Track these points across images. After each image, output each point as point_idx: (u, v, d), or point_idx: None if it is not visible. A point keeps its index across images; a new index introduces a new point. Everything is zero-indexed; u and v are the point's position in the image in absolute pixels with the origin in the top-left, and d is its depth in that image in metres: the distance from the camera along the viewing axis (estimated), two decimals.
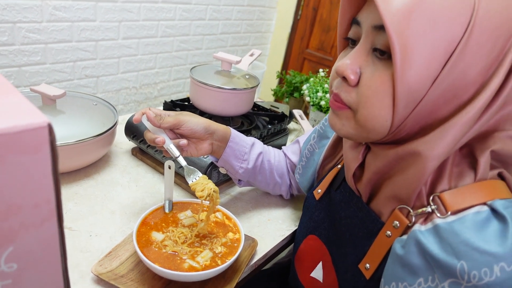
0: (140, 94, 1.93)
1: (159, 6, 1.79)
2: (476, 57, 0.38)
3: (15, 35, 1.36)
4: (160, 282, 0.55)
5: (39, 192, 0.27)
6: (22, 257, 0.28)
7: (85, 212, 0.67)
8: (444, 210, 0.41)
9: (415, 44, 0.37)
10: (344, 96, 0.45)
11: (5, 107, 0.25)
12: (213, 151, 0.64)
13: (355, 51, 0.44)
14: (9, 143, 0.23)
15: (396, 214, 0.46)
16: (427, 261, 0.41)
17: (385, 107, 0.41)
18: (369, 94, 0.42)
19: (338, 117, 0.47)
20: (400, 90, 0.39)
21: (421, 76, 0.38)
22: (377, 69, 0.42)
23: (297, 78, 1.26)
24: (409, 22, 0.37)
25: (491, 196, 0.40)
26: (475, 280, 0.37)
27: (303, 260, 0.63)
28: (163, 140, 0.57)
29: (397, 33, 0.37)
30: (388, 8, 0.37)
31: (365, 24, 0.43)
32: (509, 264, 0.35)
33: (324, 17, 2.35)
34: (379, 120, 0.42)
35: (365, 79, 0.43)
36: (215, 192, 0.57)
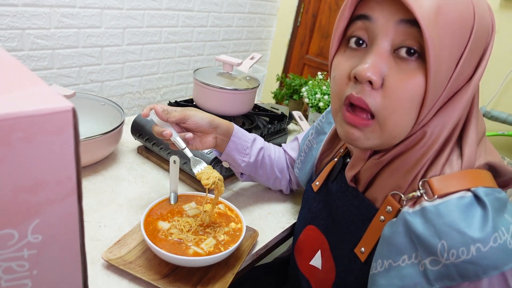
0: (143, 99, 1.98)
1: (162, 13, 1.84)
2: (474, 55, 0.43)
3: (24, 41, 1.41)
4: (167, 268, 0.58)
5: (62, 169, 0.29)
6: (46, 230, 0.31)
7: (94, 205, 0.70)
8: (431, 194, 0.45)
9: (443, 43, 0.39)
10: (369, 101, 0.43)
11: (35, 94, 0.28)
12: (217, 144, 0.68)
13: (375, 53, 0.42)
14: (39, 124, 0.26)
15: (389, 200, 0.49)
16: (412, 240, 0.44)
17: (413, 109, 0.42)
18: (400, 97, 0.41)
19: (362, 132, 0.46)
20: (431, 90, 0.40)
21: (445, 75, 0.41)
22: (405, 72, 0.41)
23: (296, 81, 1.30)
24: (437, 20, 0.38)
25: (475, 183, 0.44)
26: (453, 258, 0.40)
27: (303, 250, 0.66)
28: (170, 133, 0.61)
29: (430, 31, 0.38)
30: (419, 4, 0.38)
31: (383, 20, 0.41)
32: (485, 246, 0.39)
33: (323, 23, 2.40)
34: (407, 123, 0.43)
35: (392, 83, 0.42)
36: (219, 180, 0.60)
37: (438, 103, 0.44)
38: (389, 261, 0.46)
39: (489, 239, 0.39)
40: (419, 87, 0.41)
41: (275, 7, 2.52)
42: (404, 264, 0.45)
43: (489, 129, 1.76)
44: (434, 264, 0.42)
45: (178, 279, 0.56)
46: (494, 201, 0.42)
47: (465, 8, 0.41)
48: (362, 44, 0.45)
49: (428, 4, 0.38)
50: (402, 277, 0.45)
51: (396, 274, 0.45)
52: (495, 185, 0.46)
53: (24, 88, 0.29)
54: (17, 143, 0.26)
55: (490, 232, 0.39)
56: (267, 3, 2.42)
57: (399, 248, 0.45)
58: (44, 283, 0.34)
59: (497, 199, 0.42)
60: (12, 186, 0.27)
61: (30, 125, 0.26)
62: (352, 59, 0.45)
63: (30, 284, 0.33)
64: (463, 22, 0.41)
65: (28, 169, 0.27)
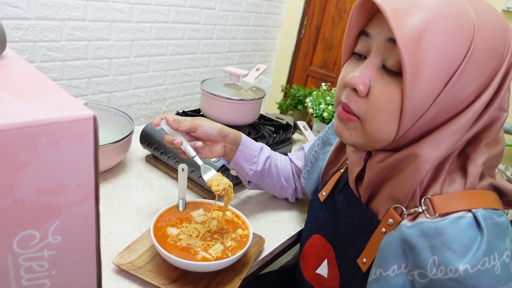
0: (150, 109, 2.01)
1: (169, 26, 1.89)
2: (472, 78, 0.43)
3: (36, 53, 1.45)
4: (175, 273, 0.59)
5: (82, 174, 0.31)
6: (65, 231, 0.32)
7: (104, 211, 0.72)
8: (432, 211, 0.46)
9: (424, 64, 0.41)
10: (353, 106, 0.48)
11: (58, 102, 0.30)
12: (226, 153, 0.69)
13: (366, 64, 0.46)
14: (63, 130, 0.28)
15: (390, 213, 0.50)
16: (404, 251, 0.46)
17: (392, 120, 0.45)
18: (379, 107, 0.45)
19: (346, 126, 0.50)
20: (407, 106, 0.43)
21: (426, 93, 0.42)
22: (387, 85, 0.45)
23: (300, 92, 1.32)
24: (419, 44, 0.40)
25: (476, 204, 0.45)
26: (440, 274, 0.42)
27: (308, 258, 0.67)
28: (180, 142, 0.62)
29: (408, 53, 0.40)
30: (401, 29, 0.40)
31: (377, 37, 0.46)
32: (473, 268, 0.40)
33: (326, 35, 2.44)
34: (386, 131, 0.46)
35: (375, 93, 0.45)
36: (229, 187, 0.62)
37: (423, 120, 0.44)
38: (380, 270, 0.48)
39: (478, 262, 0.40)
40: (397, 100, 0.44)
41: (279, 20, 2.56)
42: (393, 274, 0.47)
43: None
44: (422, 277, 0.44)
45: (187, 283, 0.57)
46: (491, 226, 0.43)
47: (459, 31, 0.41)
48: (362, 57, 0.49)
49: (412, 24, 0.40)
50: (390, 287, 0.46)
51: (384, 284, 0.47)
52: (500, 205, 0.47)
53: (48, 97, 0.31)
54: (42, 148, 0.27)
55: (481, 255, 0.41)
56: (271, 16, 2.47)
57: (390, 258, 0.47)
58: (62, 283, 0.35)
59: (495, 224, 0.43)
60: (36, 189, 0.28)
61: (54, 131, 0.27)
62: (353, 67, 0.50)
63: (49, 284, 0.34)
64: (456, 45, 0.41)
65: (51, 173, 0.29)
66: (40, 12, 1.41)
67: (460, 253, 0.41)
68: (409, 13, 0.41)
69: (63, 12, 1.47)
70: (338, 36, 2.39)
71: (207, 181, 0.63)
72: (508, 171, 1.58)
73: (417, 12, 0.41)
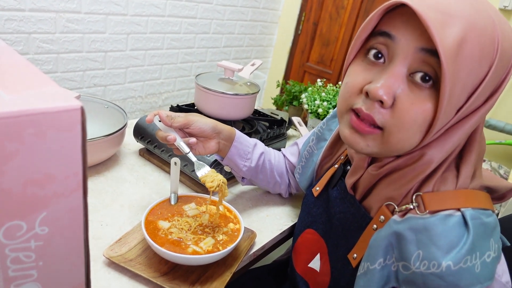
0: (145, 103, 2.00)
1: (166, 20, 1.88)
2: (488, 88, 0.44)
3: (30, 45, 1.44)
4: (166, 266, 0.59)
5: (70, 165, 0.31)
6: (53, 223, 0.32)
7: (96, 204, 0.72)
8: (423, 208, 0.46)
9: (458, 77, 0.40)
10: (378, 118, 0.44)
11: (46, 93, 0.30)
12: (219, 149, 0.69)
13: (391, 74, 0.43)
14: (49, 121, 0.28)
15: (382, 210, 0.51)
16: (390, 244, 0.47)
17: (419, 132, 0.44)
18: (408, 120, 0.43)
19: (363, 138, 0.47)
20: (440, 119, 0.42)
21: (455, 106, 0.42)
22: (418, 97, 0.42)
23: (296, 88, 1.32)
24: (458, 55, 0.39)
25: (466, 204, 0.45)
26: (423, 268, 0.43)
27: (301, 252, 0.67)
28: (174, 138, 0.62)
29: (449, 64, 0.39)
30: (442, 37, 0.38)
31: (405, 44, 0.42)
32: (455, 265, 0.41)
33: (323, 31, 2.44)
34: (410, 143, 0.45)
35: (403, 105, 0.43)
36: (223, 183, 0.62)
37: (442, 130, 0.45)
38: (367, 264, 0.49)
39: (461, 260, 0.41)
40: (428, 113, 0.42)
41: (277, 15, 2.55)
42: (379, 267, 0.48)
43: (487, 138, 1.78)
44: (405, 269, 0.45)
45: (177, 276, 0.58)
46: (478, 226, 0.43)
47: (488, 43, 0.40)
48: (380, 58, 0.46)
49: (452, 36, 0.39)
50: (376, 280, 0.48)
51: (371, 277, 0.48)
52: (490, 205, 0.48)
53: (36, 88, 0.30)
54: (28, 138, 0.27)
55: (464, 253, 0.42)
56: (269, 11, 2.46)
57: (377, 251, 0.48)
58: (49, 274, 0.35)
59: (482, 224, 0.44)
60: (23, 180, 0.28)
61: (41, 121, 0.27)
62: (368, 72, 0.46)
63: (36, 274, 0.34)
64: (484, 57, 0.40)
65: (38, 164, 0.29)
66: (34, 3, 1.40)
67: (445, 249, 0.42)
68: (448, 23, 0.39)
69: (58, 4, 1.45)
70: (336, 32, 2.38)
71: (201, 177, 0.63)
72: (501, 169, 1.59)
73: (455, 23, 0.39)
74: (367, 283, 0.49)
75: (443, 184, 0.48)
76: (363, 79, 0.46)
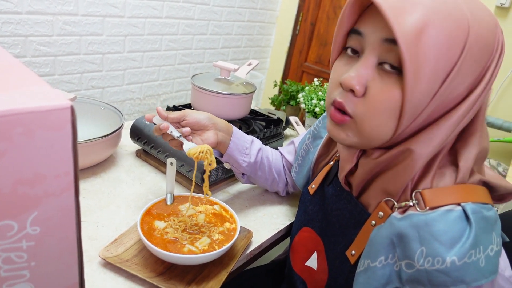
0: (143, 105, 2.00)
1: (163, 22, 1.88)
2: (466, 75, 0.43)
3: (27, 48, 1.44)
4: (162, 266, 0.59)
5: (61, 164, 0.30)
6: (44, 222, 0.32)
7: (92, 205, 0.72)
8: (423, 205, 0.46)
9: (424, 62, 0.41)
10: (349, 107, 0.47)
11: (36, 92, 0.30)
12: (219, 142, 0.67)
13: (361, 64, 0.45)
14: (39, 120, 0.28)
15: (381, 206, 0.51)
16: (392, 242, 0.47)
17: (391, 119, 0.45)
18: (378, 106, 0.44)
19: (341, 128, 0.49)
20: (408, 105, 0.43)
21: (425, 92, 0.42)
22: (386, 84, 0.44)
23: (293, 87, 1.32)
24: (419, 41, 0.40)
25: (466, 198, 0.45)
26: (427, 264, 0.42)
27: (298, 251, 0.67)
28: (166, 126, 0.62)
29: (409, 51, 0.40)
30: (401, 28, 0.40)
31: (371, 37, 0.45)
32: (460, 260, 0.41)
33: (321, 31, 2.44)
34: (384, 130, 0.46)
35: (373, 92, 0.45)
36: (209, 150, 0.61)
37: (420, 118, 0.45)
38: (368, 261, 0.49)
39: (465, 255, 0.41)
40: (396, 99, 0.43)
41: (274, 16, 2.56)
42: (380, 265, 0.47)
43: None
44: (409, 268, 0.44)
45: (173, 276, 0.58)
46: (480, 220, 0.43)
47: (456, 28, 0.41)
48: (356, 53, 0.48)
49: (412, 23, 0.40)
50: (377, 278, 0.47)
51: (371, 274, 0.48)
52: (489, 200, 0.48)
53: (26, 87, 0.30)
54: (17, 137, 0.27)
55: (468, 248, 0.41)
56: (267, 11, 2.46)
57: (378, 249, 0.48)
58: (42, 274, 0.35)
59: (483, 218, 0.44)
60: (12, 179, 0.28)
61: (30, 121, 0.27)
62: (346, 66, 0.48)
63: (28, 275, 0.34)
64: (453, 41, 0.41)
65: (28, 163, 0.28)
66: (31, 6, 1.40)
67: (448, 245, 0.42)
68: (407, 11, 0.40)
69: (55, 7, 1.46)
70: (333, 32, 2.38)
71: (187, 152, 0.61)
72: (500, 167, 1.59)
73: (414, 10, 0.40)
74: (367, 280, 0.48)
75: (441, 179, 0.48)
76: (341, 73, 0.48)
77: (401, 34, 0.40)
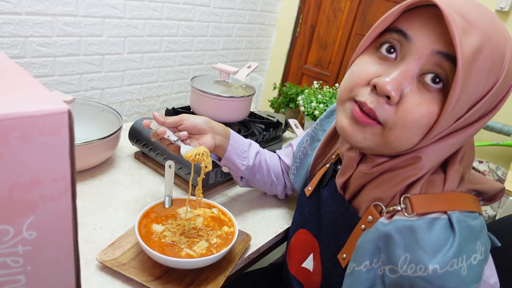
0: (143, 106, 2.00)
1: (163, 23, 1.88)
2: (488, 104, 0.44)
3: (27, 49, 1.44)
4: (160, 270, 0.59)
5: (58, 168, 0.30)
6: (41, 227, 0.32)
7: (90, 208, 0.72)
8: (411, 210, 0.46)
9: (468, 86, 0.40)
10: (380, 113, 0.44)
11: (33, 96, 0.29)
12: (216, 145, 0.67)
13: (402, 71, 0.42)
14: (36, 124, 0.28)
15: (370, 210, 0.51)
16: (377, 247, 0.47)
17: (419, 133, 0.44)
18: (411, 120, 0.42)
19: (362, 130, 0.46)
20: (442, 124, 0.42)
21: (458, 113, 0.42)
22: (425, 99, 0.42)
23: (292, 90, 1.32)
24: (472, 63, 0.39)
25: (453, 207, 0.45)
26: (410, 271, 0.43)
27: (295, 253, 0.67)
28: (163, 131, 0.62)
29: (464, 71, 0.39)
30: (463, 46, 0.38)
31: (421, 44, 0.42)
32: (441, 268, 0.41)
33: (321, 34, 2.44)
34: (408, 143, 0.45)
35: (409, 105, 0.42)
36: (205, 152, 0.61)
37: (439, 135, 0.45)
38: (353, 265, 0.49)
39: (447, 263, 0.41)
40: (432, 116, 0.42)
41: (274, 18, 2.56)
42: (365, 269, 0.48)
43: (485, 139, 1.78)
44: (392, 273, 0.45)
45: (171, 280, 0.57)
46: (464, 229, 0.43)
47: (499, 59, 0.41)
48: (392, 54, 0.45)
49: (471, 45, 0.39)
50: (361, 281, 0.48)
51: (356, 278, 0.48)
52: (477, 208, 0.48)
53: (23, 91, 0.30)
54: (14, 142, 0.27)
55: (451, 257, 0.42)
56: (267, 13, 2.47)
57: (363, 253, 0.48)
58: (38, 279, 0.35)
59: (468, 227, 0.44)
60: (9, 183, 0.28)
61: (27, 125, 0.27)
62: (378, 65, 0.45)
63: (24, 280, 0.33)
64: (492, 72, 0.41)
65: (25, 167, 0.28)
66: (31, 7, 1.40)
67: (431, 252, 0.42)
68: (469, 31, 0.39)
69: (55, 7, 1.46)
70: (333, 35, 2.39)
71: (184, 155, 0.61)
72: (499, 171, 1.59)
73: (474, 32, 0.39)
74: (352, 283, 0.49)
75: (430, 186, 0.48)
76: (372, 72, 0.45)
77: (462, 53, 0.38)
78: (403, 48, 0.44)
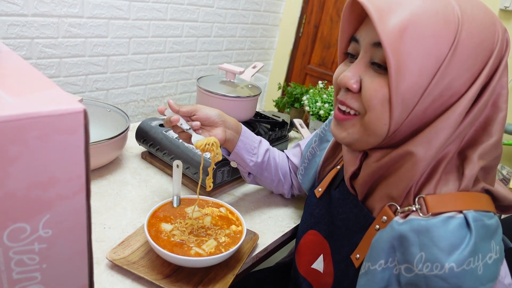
0: (147, 107, 2.01)
1: (167, 24, 1.89)
2: (459, 71, 0.44)
3: (33, 50, 1.45)
4: (169, 268, 0.59)
5: (73, 168, 0.31)
6: (56, 225, 0.32)
7: (99, 207, 0.72)
8: (425, 210, 0.46)
9: (408, 60, 0.43)
10: (349, 102, 0.50)
11: (50, 96, 0.30)
12: (227, 139, 0.68)
13: (355, 64, 0.49)
14: (53, 124, 0.28)
15: (385, 210, 0.51)
16: (392, 246, 0.47)
17: (384, 112, 0.46)
18: (369, 98, 0.47)
19: (343, 127, 0.52)
20: (394, 99, 0.45)
21: (412, 88, 0.44)
22: (375, 78, 0.47)
23: (297, 90, 1.32)
24: (402, 40, 0.42)
25: (468, 206, 0.45)
26: (426, 270, 0.43)
27: (304, 254, 0.68)
28: (177, 118, 0.64)
29: (392, 50, 0.42)
30: (385, 27, 0.42)
31: (363, 42, 0.49)
32: (458, 267, 0.41)
33: (324, 34, 2.44)
34: (380, 122, 0.47)
35: (365, 85, 0.48)
36: (215, 142, 0.62)
37: (414, 115, 0.45)
38: (368, 264, 0.49)
39: (464, 262, 0.41)
40: (384, 91, 0.46)
41: (278, 18, 2.56)
42: (380, 269, 0.48)
43: None
44: (408, 272, 0.45)
45: (180, 279, 0.58)
46: (480, 228, 0.43)
47: (444, 26, 0.42)
48: (354, 58, 0.52)
49: (394, 21, 0.42)
50: (376, 281, 0.48)
51: (371, 277, 0.48)
52: (492, 208, 0.48)
53: (39, 91, 0.31)
54: (32, 141, 0.27)
55: (467, 255, 0.42)
56: (270, 14, 2.47)
57: (379, 253, 0.48)
58: (53, 277, 0.35)
59: (484, 226, 0.44)
60: (27, 182, 0.29)
61: (44, 124, 0.27)
62: (344, 67, 0.53)
63: (40, 277, 0.34)
64: (440, 39, 0.42)
65: (42, 166, 0.29)
66: (37, 8, 1.41)
67: (447, 251, 0.42)
68: (393, 11, 0.43)
69: (60, 9, 1.47)
70: (336, 35, 2.39)
71: (194, 144, 0.62)
72: (504, 170, 1.58)
73: (401, 10, 0.43)
74: (367, 283, 0.49)
75: (445, 185, 0.47)
76: (339, 75, 0.52)
77: (384, 32, 0.42)
78: (357, 50, 0.51)
